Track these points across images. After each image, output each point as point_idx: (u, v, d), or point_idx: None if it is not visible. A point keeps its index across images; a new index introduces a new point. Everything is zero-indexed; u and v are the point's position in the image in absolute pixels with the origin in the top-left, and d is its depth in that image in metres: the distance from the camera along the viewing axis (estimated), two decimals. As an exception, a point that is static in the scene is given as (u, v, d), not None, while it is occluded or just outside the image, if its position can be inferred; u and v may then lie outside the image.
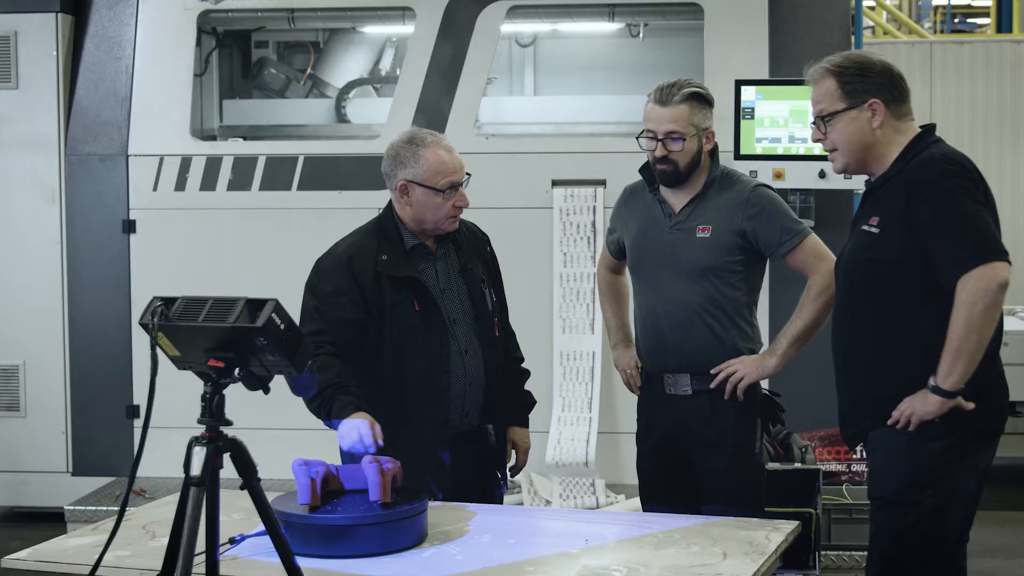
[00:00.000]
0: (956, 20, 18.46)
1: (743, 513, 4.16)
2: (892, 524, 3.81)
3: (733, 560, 3.47)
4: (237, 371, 3.17)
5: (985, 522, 7.60)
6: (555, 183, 7.25)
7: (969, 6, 18.56)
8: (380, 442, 3.91)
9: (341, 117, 8.28)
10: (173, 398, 4.32)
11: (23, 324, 7.61)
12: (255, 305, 3.10)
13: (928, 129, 3.90)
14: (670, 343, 4.48)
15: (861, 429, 3.91)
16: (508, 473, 4.63)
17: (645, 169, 4.58)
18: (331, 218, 6.89)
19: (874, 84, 3.84)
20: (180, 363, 3.25)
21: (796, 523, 3.90)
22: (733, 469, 4.43)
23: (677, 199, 4.52)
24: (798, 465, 5.92)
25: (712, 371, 4.44)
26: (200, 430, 3.09)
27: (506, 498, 6.87)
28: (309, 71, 8.53)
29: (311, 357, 3.25)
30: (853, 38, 7.95)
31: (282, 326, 3.10)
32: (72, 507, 7.07)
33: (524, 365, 4.71)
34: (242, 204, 7.45)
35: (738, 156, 6.74)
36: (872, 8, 13.00)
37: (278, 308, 3.10)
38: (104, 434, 7.51)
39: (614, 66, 8.45)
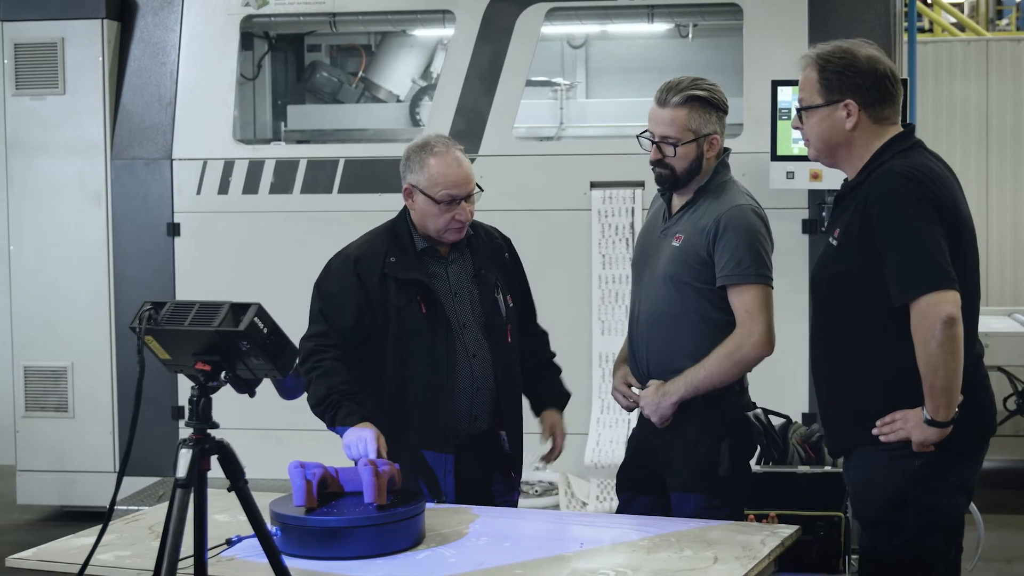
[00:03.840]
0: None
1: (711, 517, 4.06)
2: (876, 546, 3.66)
3: (723, 564, 3.45)
4: (224, 374, 3.23)
5: (1026, 527, 7.53)
6: (593, 185, 7.24)
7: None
8: (384, 455, 3.92)
9: (415, 122, 8.32)
10: (219, 401, 4.35)
11: (71, 326, 7.73)
12: (239, 309, 3.16)
13: (902, 135, 3.67)
14: (636, 350, 4.30)
15: (842, 446, 3.79)
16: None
17: None
18: (371, 220, 6.86)
19: (853, 83, 3.62)
20: (170, 366, 3.31)
21: (796, 528, 3.82)
22: (695, 489, 4.17)
23: (676, 203, 4.30)
24: (828, 468, 5.83)
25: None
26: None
27: (543, 499, 6.93)
28: (361, 74, 8.59)
29: (296, 361, 3.30)
30: (907, 35, 7.87)
31: (265, 330, 3.16)
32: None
33: (556, 363, 4.64)
34: (284, 207, 7.52)
35: (775, 157, 6.68)
36: (929, 4, 12.81)
37: (261, 312, 3.15)
38: (150, 434, 7.48)
39: (664, 67, 8.40)
